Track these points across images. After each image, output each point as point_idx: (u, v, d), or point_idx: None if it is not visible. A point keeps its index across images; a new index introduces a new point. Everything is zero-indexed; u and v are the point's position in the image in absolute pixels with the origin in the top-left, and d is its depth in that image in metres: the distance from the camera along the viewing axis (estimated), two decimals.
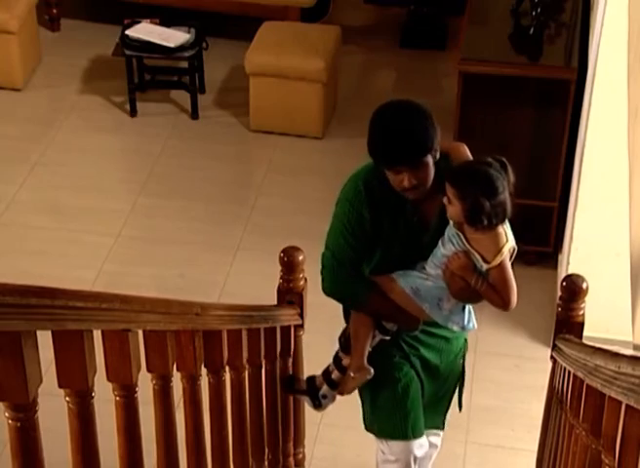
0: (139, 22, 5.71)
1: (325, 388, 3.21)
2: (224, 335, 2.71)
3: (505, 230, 2.81)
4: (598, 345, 2.34)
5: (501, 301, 2.83)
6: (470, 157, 2.90)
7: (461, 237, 2.81)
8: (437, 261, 2.90)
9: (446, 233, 2.87)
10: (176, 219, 5.11)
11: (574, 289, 3.07)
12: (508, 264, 2.81)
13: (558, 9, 4.84)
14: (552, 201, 4.64)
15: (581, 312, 3.09)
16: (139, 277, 4.70)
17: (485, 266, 2.79)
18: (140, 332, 2.11)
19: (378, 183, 2.91)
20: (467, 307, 2.97)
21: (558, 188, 4.62)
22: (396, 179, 2.81)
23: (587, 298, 3.10)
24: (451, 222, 2.85)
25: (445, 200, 2.80)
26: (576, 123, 4.39)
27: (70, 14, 6.55)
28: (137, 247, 4.96)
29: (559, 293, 3.11)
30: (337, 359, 3.17)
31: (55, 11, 6.41)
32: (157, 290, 4.58)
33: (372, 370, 3.04)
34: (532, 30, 4.70)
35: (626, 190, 3.57)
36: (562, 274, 4.18)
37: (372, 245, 2.97)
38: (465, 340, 3.25)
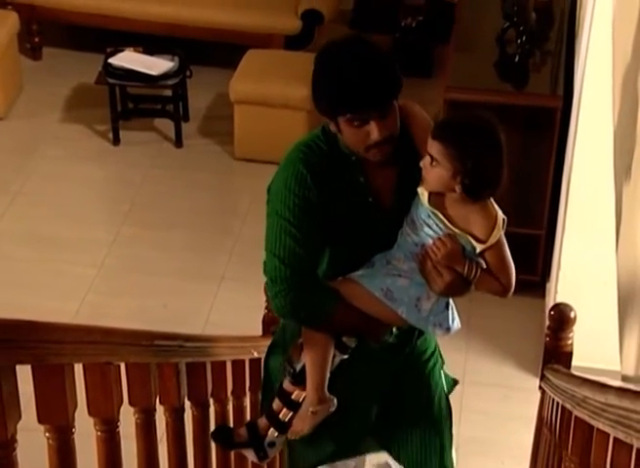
0: (122, 51, 5.69)
1: (272, 433, 2.53)
2: (208, 367, 2.67)
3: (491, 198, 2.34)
4: (587, 375, 2.32)
5: (501, 286, 2.34)
6: (428, 118, 2.41)
7: (441, 216, 2.28)
8: (408, 252, 2.35)
9: (414, 214, 2.34)
10: (159, 249, 5.06)
11: (562, 318, 3.05)
12: (504, 240, 2.34)
13: (543, 37, 4.84)
14: (539, 229, 4.63)
15: (570, 342, 3.08)
16: (121, 308, 4.64)
17: (479, 248, 2.28)
18: (123, 365, 2.06)
19: (321, 158, 2.37)
20: (450, 303, 2.44)
21: (545, 216, 4.60)
22: (360, 133, 2.26)
23: (576, 327, 3.08)
24: (424, 199, 2.30)
25: (425, 163, 2.25)
26: (562, 150, 4.38)
27: (52, 42, 6.52)
28: (119, 277, 4.90)
29: (547, 323, 3.10)
30: (283, 393, 2.51)
31: (36, 39, 6.38)
32: (140, 321, 4.52)
33: (335, 401, 2.47)
34: (517, 58, 4.70)
35: (613, 218, 3.55)
36: (550, 302, 4.16)
37: (323, 238, 2.40)
38: (436, 346, 2.69)
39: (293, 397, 2.49)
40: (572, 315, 3.04)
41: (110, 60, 5.62)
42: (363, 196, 2.37)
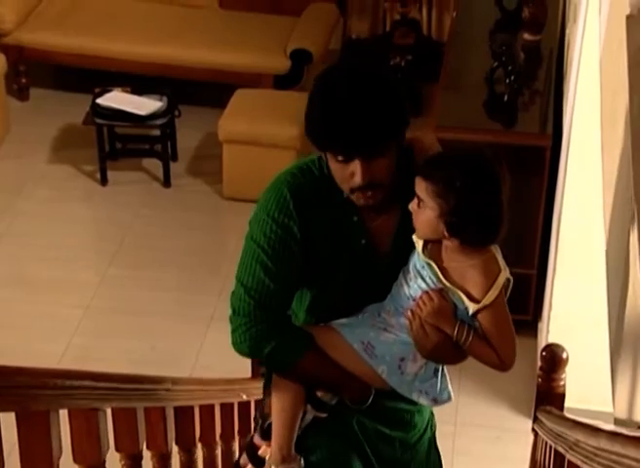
0: (110, 91, 5.68)
1: None
2: (197, 411, 2.62)
3: (496, 253, 2.07)
4: (580, 418, 2.29)
5: (497, 358, 2.06)
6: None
7: (435, 267, 2.03)
8: (399, 305, 2.11)
9: (410, 263, 2.09)
10: (147, 290, 5.01)
11: (554, 359, 3.03)
12: (504, 303, 2.06)
13: (532, 76, 4.86)
14: (531, 268, 4.60)
15: (562, 383, 3.06)
16: (108, 350, 4.59)
17: (472, 308, 2.01)
18: (109, 410, 2.02)
19: (312, 186, 2.12)
20: (440, 370, 2.18)
21: (536, 255, 4.58)
22: (344, 173, 2.03)
23: (568, 368, 3.06)
24: (418, 247, 2.07)
25: (412, 206, 2.02)
26: (553, 189, 4.37)
27: (39, 83, 6.51)
28: (106, 319, 4.85)
29: (539, 364, 3.07)
30: (251, 447, 2.28)
31: (24, 80, 6.36)
32: (128, 363, 4.47)
33: (302, 462, 2.21)
34: (506, 97, 4.71)
35: (604, 258, 3.53)
36: (542, 343, 4.13)
37: (303, 276, 2.15)
38: (431, 414, 2.43)
39: (260, 452, 2.25)
40: (564, 356, 3.02)
41: (98, 101, 5.60)
42: (355, 237, 2.13)
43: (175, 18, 6.41)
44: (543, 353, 3.03)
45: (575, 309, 4.26)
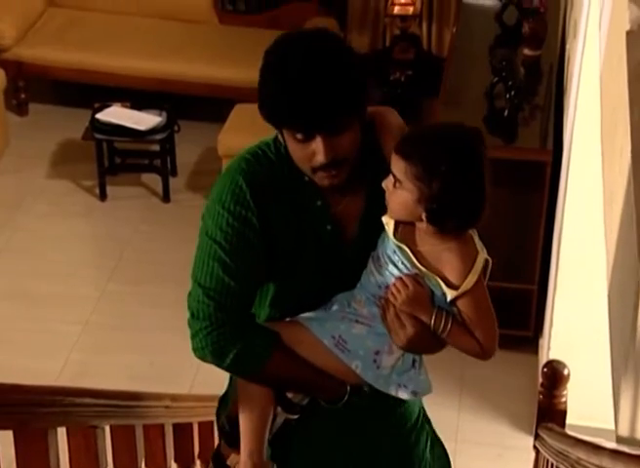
0: (109, 106, 5.67)
1: None
2: (196, 428, 2.60)
3: (474, 235, 1.93)
4: (582, 435, 2.27)
5: (478, 346, 1.91)
6: (405, 129, 2.00)
7: (408, 252, 1.88)
8: (370, 294, 1.96)
9: (380, 248, 1.94)
10: (146, 305, 4.99)
11: (555, 376, 3.02)
12: (484, 287, 1.91)
13: (532, 92, 4.85)
14: (531, 284, 4.58)
15: (564, 400, 3.05)
16: (107, 366, 4.57)
17: (451, 294, 1.88)
18: (108, 428, 2.01)
19: (268, 171, 1.98)
20: (418, 360, 2.03)
21: (537, 271, 4.56)
22: (305, 152, 1.88)
23: (570, 385, 3.04)
24: (389, 230, 1.91)
25: (387, 184, 1.86)
26: (553, 204, 4.36)
27: (39, 98, 6.49)
28: (105, 334, 4.83)
29: (540, 380, 3.06)
30: (218, 457, 2.14)
31: (23, 95, 6.35)
32: (126, 379, 4.44)
33: None
34: (506, 113, 4.69)
35: (605, 274, 3.52)
36: (543, 359, 4.11)
37: (265, 270, 1.98)
38: (421, 409, 2.23)
39: (228, 462, 2.09)
40: (565, 372, 3.01)
41: (97, 116, 5.59)
42: (320, 223, 1.96)
43: (174, 33, 6.40)
44: (545, 369, 3.02)
45: (576, 325, 4.24)
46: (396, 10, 6.10)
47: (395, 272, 1.90)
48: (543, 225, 4.48)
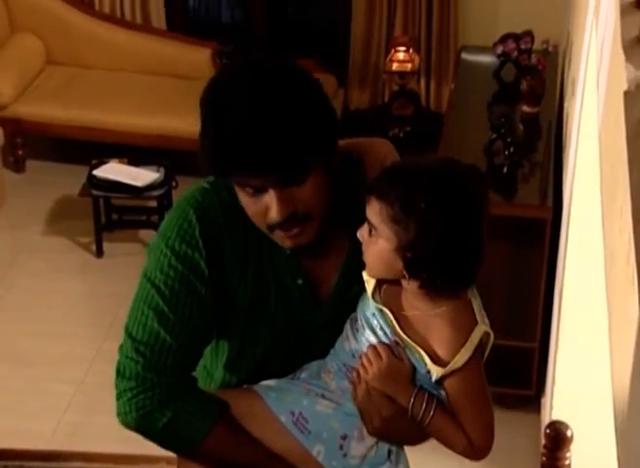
0: (106, 162, 5.66)
1: None
2: None
3: (472, 299, 1.62)
4: None
5: (466, 441, 1.58)
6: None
7: (389, 315, 1.56)
8: (342, 363, 1.63)
9: (359, 310, 1.62)
10: None
11: (558, 437, 2.97)
12: (480, 367, 1.58)
13: (531, 148, 4.84)
14: (532, 341, 4.53)
15: (567, 462, 2.99)
16: (101, 427, 4.46)
17: (437, 372, 1.54)
18: None
19: (228, 206, 1.66)
20: (395, 451, 1.67)
21: (538, 328, 4.52)
22: (257, 207, 1.57)
23: (573, 446, 2.99)
24: (368, 289, 1.60)
25: (362, 233, 1.55)
26: (553, 261, 4.33)
27: (36, 155, 6.48)
28: (100, 394, 4.73)
29: (543, 441, 3.00)
30: None
31: (20, 152, 6.35)
32: (121, 440, 4.33)
33: None
34: (505, 169, 4.68)
35: (607, 332, 3.47)
36: (546, 418, 4.04)
37: (215, 326, 1.66)
38: None
39: None
40: (568, 433, 2.96)
41: (95, 172, 5.58)
42: (288, 276, 1.64)
43: (172, 89, 6.41)
44: (547, 430, 2.96)
45: (579, 384, 4.17)
46: (395, 66, 6.11)
47: (372, 339, 1.58)
48: (544, 282, 4.44)
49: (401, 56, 6.07)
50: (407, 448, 1.75)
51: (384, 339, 1.57)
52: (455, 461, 1.88)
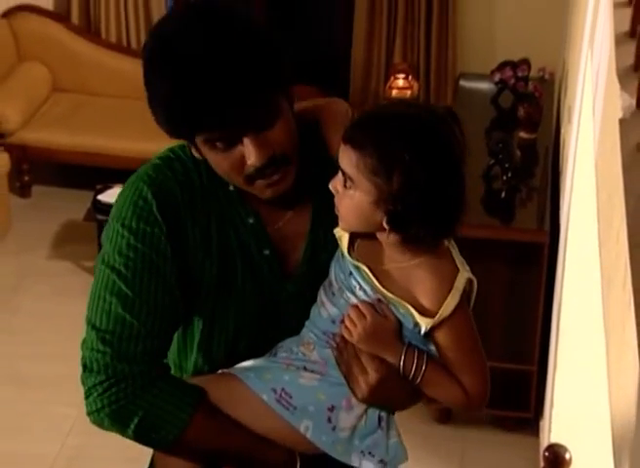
0: (111, 187, 5.72)
1: None
2: None
3: (450, 247, 1.55)
4: None
5: (462, 392, 1.49)
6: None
7: (368, 272, 1.46)
8: (320, 332, 1.53)
9: (333, 272, 1.52)
10: None
11: (557, 460, 2.97)
12: (468, 314, 1.52)
13: (529, 174, 4.90)
14: (531, 364, 4.56)
15: None
16: (104, 448, 4.50)
17: (425, 323, 1.46)
18: None
19: (184, 179, 1.57)
20: (385, 418, 1.56)
21: (536, 351, 4.55)
22: (231, 159, 1.47)
23: None
24: (342, 246, 1.49)
25: (335, 185, 1.44)
26: (551, 285, 4.37)
27: (42, 180, 6.55)
28: None
29: (542, 464, 3.01)
30: None
31: (26, 178, 6.42)
32: (125, 461, 4.38)
33: None
34: (503, 194, 4.73)
35: (605, 356, 3.50)
36: (544, 441, 4.06)
37: (182, 306, 1.54)
38: None
39: None
40: (567, 457, 2.96)
41: (99, 197, 5.63)
42: (253, 247, 1.54)
43: None
44: (546, 453, 2.96)
45: (577, 407, 4.20)
46: (394, 93, 6.17)
47: (353, 300, 1.48)
48: (542, 306, 4.47)
49: (400, 82, 6.13)
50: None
51: (365, 298, 1.48)
52: (455, 461, 1.92)
